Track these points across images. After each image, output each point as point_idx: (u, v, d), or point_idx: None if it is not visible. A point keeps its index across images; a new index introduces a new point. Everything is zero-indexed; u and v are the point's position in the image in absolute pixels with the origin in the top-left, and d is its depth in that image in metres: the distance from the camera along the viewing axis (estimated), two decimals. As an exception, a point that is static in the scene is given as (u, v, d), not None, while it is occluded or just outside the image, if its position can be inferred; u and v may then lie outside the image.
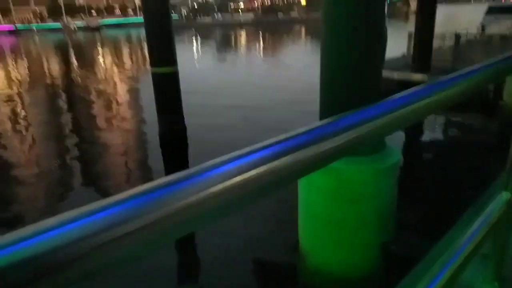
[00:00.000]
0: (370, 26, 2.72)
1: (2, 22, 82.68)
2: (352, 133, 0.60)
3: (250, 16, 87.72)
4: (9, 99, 12.52)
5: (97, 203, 0.34)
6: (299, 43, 33.32)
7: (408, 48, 11.16)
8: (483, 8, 17.76)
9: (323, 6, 2.85)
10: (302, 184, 3.17)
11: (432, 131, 7.56)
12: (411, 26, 11.71)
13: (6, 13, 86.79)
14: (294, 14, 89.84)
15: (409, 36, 11.04)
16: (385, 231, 3.02)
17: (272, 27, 62.41)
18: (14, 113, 10.70)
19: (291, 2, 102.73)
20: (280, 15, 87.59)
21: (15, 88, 14.80)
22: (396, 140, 6.39)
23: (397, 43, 12.95)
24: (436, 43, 10.39)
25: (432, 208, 4.68)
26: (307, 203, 3.18)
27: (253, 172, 0.45)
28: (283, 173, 0.49)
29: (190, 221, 0.39)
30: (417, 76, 9.46)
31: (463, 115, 8.19)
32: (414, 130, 7.41)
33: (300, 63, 18.27)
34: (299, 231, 3.39)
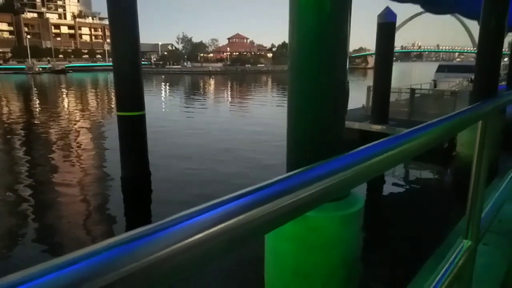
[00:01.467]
0: (332, 80, 2.88)
1: (-39, 61, 79.98)
2: (319, 185, 0.60)
3: (219, 65, 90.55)
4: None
5: (59, 259, 0.32)
6: (265, 92, 34.43)
7: (367, 100, 11.84)
8: (433, 66, 19.41)
9: (288, 61, 3.00)
10: (269, 234, 3.12)
11: (393, 180, 7.84)
12: (369, 81, 12.57)
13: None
14: (261, 65, 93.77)
15: (368, 89, 11.76)
16: (351, 279, 2.99)
17: (239, 77, 64.50)
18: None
19: (259, 54, 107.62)
20: (248, 66, 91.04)
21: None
22: (359, 187, 6.56)
23: (357, 96, 13.71)
24: (393, 96, 11.11)
25: (394, 254, 4.73)
26: (274, 254, 3.11)
27: (219, 227, 0.44)
28: (250, 228, 0.48)
29: (152, 277, 0.37)
30: (376, 127, 9.96)
31: (420, 164, 8.60)
32: (375, 178, 7.64)
33: (266, 112, 18.79)
34: (266, 280, 3.28)
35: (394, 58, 10.61)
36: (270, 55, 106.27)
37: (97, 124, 15.69)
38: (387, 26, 9.88)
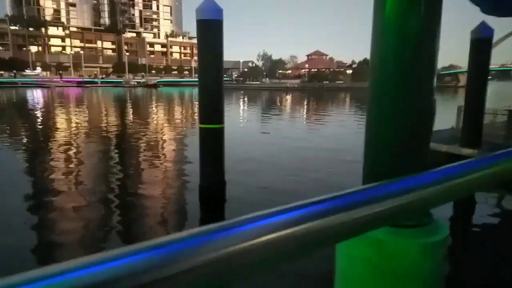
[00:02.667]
0: (417, 97, 2.72)
1: (73, 75, 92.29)
2: (394, 201, 0.58)
3: (296, 82, 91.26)
4: (64, 143, 13.52)
5: (122, 249, 0.35)
6: (342, 110, 33.71)
7: (457, 121, 10.92)
8: (538, 86, 17.24)
9: (369, 75, 2.92)
10: (340, 252, 3.03)
11: (485, 209, 7.06)
12: (460, 100, 11.60)
13: (77, 67, 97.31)
14: (340, 82, 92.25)
15: (458, 109, 10.86)
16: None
17: (317, 93, 64.17)
18: (67, 155, 11.48)
19: (337, 70, 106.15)
20: (326, 82, 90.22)
21: (71, 134, 16.04)
22: (445, 214, 6.03)
23: (446, 116, 12.72)
24: (487, 118, 10.11)
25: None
26: (344, 273, 3.00)
27: (289, 231, 0.44)
28: (320, 236, 0.48)
29: (221, 274, 0.38)
30: (467, 151, 9.11)
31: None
32: (463, 206, 6.98)
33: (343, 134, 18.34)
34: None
35: (490, 77, 9.68)
36: (349, 71, 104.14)
37: (181, 134, 16.81)
38: (482, 42, 9.08)
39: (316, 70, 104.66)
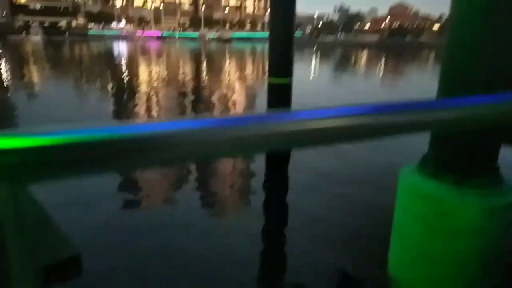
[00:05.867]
0: (499, 60, 2.49)
1: (153, 28, 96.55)
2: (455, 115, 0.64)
3: (374, 37, 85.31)
4: (147, 90, 14.60)
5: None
6: (423, 74, 31.12)
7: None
8: None
9: (448, 32, 2.70)
10: (399, 209, 3.05)
11: None
12: None
13: (157, 21, 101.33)
14: (424, 38, 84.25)
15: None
16: (488, 279, 2.70)
17: (396, 51, 59.61)
18: (149, 100, 12.44)
19: (422, 26, 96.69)
20: (408, 38, 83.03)
21: (152, 81, 17.18)
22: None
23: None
24: None
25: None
26: (401, 230, 3.04)
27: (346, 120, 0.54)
28: (367, 127, 0.57)
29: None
30: None
31: None
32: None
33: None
34: (390, 258, 3.25)
35: None
36: (437, 26, 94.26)
37: (251, 88, 17.16)
38: None
39: (398, 24, 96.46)
